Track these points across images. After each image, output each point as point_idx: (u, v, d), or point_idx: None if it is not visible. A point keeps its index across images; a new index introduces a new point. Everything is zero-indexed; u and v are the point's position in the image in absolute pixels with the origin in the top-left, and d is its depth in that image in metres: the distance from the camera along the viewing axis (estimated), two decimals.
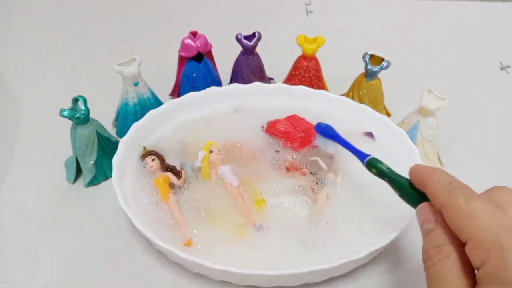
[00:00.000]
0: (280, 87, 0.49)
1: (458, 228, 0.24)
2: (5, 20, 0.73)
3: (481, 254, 0.23)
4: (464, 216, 0.24)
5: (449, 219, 0.25)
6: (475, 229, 0.23)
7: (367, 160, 0.35)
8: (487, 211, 0.24)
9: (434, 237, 0.26)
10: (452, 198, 0.25)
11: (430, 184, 0.27)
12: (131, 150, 0.43)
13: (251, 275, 0.33)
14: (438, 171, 0.29)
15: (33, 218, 0.42)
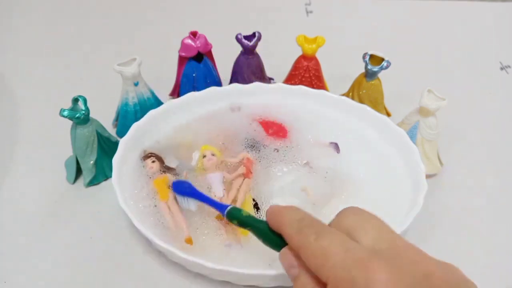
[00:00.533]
0: (280, 87, 0.49)
1: (316, 269, 0.24)
2: (5, 20, 0.73)
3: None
4: (317, 257, 0.24)
5: (306, 261, 0.25)
6: (329, 269, 0.23)
7: (227, 211, 0.34)
8: (337, 245, 0.24)
9: (301, 282, 0.25)
10: (303, 239, 0.25)
11: (283, 226, 0.27)
12: (131, 150, 0.43)
13: (251, 275, 0.33)
14: (290, 210, 0.28)
15: (33, 218, 0.42)
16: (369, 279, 0.22)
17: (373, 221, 0.26)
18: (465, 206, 0.44)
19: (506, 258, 0.40)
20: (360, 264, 0.22)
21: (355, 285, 0.22)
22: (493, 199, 0.45)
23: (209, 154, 0.42)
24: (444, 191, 0.45)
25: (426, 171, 0.40)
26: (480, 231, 0.42)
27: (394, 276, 0.22)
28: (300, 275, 0.26)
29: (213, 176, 0.41)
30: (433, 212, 0.43)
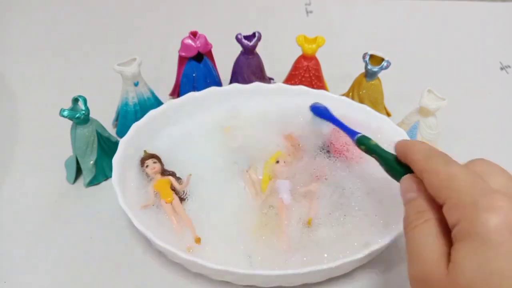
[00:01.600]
0: (280, 87, 0.49)
1: (437, 191, 0.25)
2: (5, 20, 0.73)
3: (457, 213, 0.23)
4: (442, 179, 0.25)
5: (428, 183, 0.26)
6: (452, 191, 0.24)
7: (357, 137, 0.37)
8: (464, 175, 0.25)
9: (416, 205, 0.27)
10: (431, 164, 0.27)
11: (411, 153, 0.29)
12: (131, 150, 0.43)
13: (251, 275, 0.33)
14: (419, 142, 0.30)
15: (33, 218, 0.42)
16: (492, 204, 0.22)
17: (502, 171, 0.27)
18: None
19: None
20: (485, 193, 0.23)
21: (476, 206, 0.22)
22: None
23: (282, 162, 0.42)
24: None
25: None
26: None
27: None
28: (417, 198, 0.27)
29: (282, 183, 0.41)
30: None
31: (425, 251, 0.25)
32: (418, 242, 0.25)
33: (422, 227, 0.26)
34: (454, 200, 0.24)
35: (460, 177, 0.25)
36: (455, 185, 0.24)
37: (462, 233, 0.23)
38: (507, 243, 0.21)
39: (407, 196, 0.28)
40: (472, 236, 0.22)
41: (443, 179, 0.25)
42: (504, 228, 0.22)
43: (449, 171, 0.25)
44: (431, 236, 0.25)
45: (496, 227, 0.22)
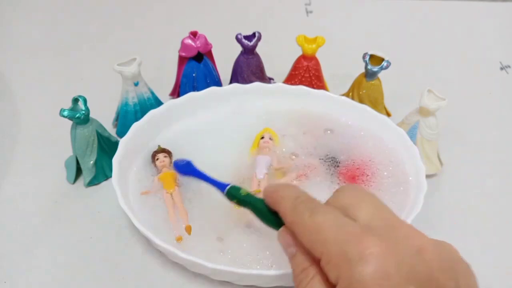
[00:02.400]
0: (280, 87, 0.49)
1: (310, 246, 0.24)
2: (5, 20, 0.73)
3: (334, 270, 0.23)
4: (310, 232, 0.24)
5: (300, 237, 0.25)
6: (322, 244, 0.23)
7: (226, 190, 0.33)
8: (331, 221, 0.24)
9: (298, 261, 0.26)
10: (297, 215, 0.25)
11: (278, 204, 0.27)
12: (131, 150, 0.43)
13: (251, 275, 0.33)
14: (287, 188, 0.28)
15: (33, 218, 0.42)
16: (362, 253, 0.21)
17: (370, 199, 0.26)
18: (465, 206, 0.44)
19: (506, 258, 0.40)
20: (353, 239, 0.22)
21: (348, 259, 0.22)
22: (493, 199, 0.45)
23: (267, 137, 0.43)
24: (444, 191, 0.45)
25: (426, 171, 0.40)
26: (480, 231, 0.42)
27: (387, 250, 0.22)
28: (297, 254, 0.26)
29: (262, 158, 0.42)
30: (433, 212, 0.43)
31: None
32: None
33: (311, 286, 0.24)
34: (327, 255, 0.23)
35: (326, 227, 0.23)
36: (323, 238, 0.23)
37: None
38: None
39: (288, 251, 0.27)
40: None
41: (311, 233, 0.24)
42: (381, 278, 0.21)
43: (315, 221, 0.24)
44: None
45: (372, 279, 0.21)
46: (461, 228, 0.42)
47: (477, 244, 0.41)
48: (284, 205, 0.27)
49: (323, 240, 0.23)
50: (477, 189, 0.46)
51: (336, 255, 0.22)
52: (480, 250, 0.40)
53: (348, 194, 0.26)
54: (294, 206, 0.26)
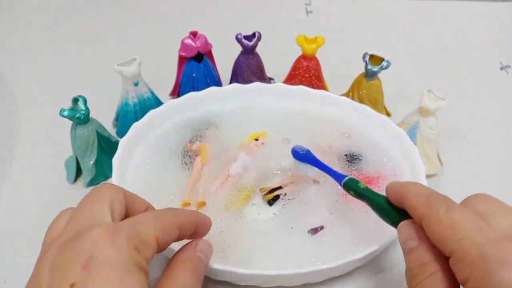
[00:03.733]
0: (280, 87, 0.49)
1: (440, 241, 0.24)
2: (5, 20, 0.73)
3: (465, 269, 0.22)
4: (445, 228, 0.23)
5: (430, 232, 0.24)
6: (457, 242, 0.23)
7: (344, 181, 0.34)
8: (469, 221, 0.23)
9: (418, 255, 0.25)
10: (431, 210, 0.24)
11: (408, 198, 0.27)
12: (131, 150, 0.43)
13: (251, 275, 0.33)
14: (415, 184, 0.28)
15: (33, 218, 0.42)
16: (504, 258, 0.21)
17: (507, 208, 0.25)
18: None
19: None
20: (494, 242, 0.21)
21: (486, 261, 0.21)
22: None
23: (261, 141, 0.44)
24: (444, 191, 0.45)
25: (426, 171, 0.40)
26: None
27: None
28: (419, 248, 0.25)
29: (244, 156, 0.43)
30: None
31: None
32: None
33: (429, 282, 0.24)
34: (460, 252, 0.22)
35: (464, 225, 0.23)
36: (460, 235, 0.23)
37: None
38: None
39: (407, 245, 0.26)
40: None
41: (446, 228, 0.23)
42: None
43: (452, 218, 0.23)
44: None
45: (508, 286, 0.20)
46: None
47: None
48: (415, 199, 0.26)
49: (460, 238, 0.22)
50: (477, 189, 0.45)
51: (471, 255, 0.22)
52: None
53: (483, 200, 0.25)
54: (428, 201, 0.25)
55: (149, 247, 0.25)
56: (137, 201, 0.29)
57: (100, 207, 0.26)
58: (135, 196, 0.29)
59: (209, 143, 0.44)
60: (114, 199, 0.27)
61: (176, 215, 0.28)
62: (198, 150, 0.44)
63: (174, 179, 0.41)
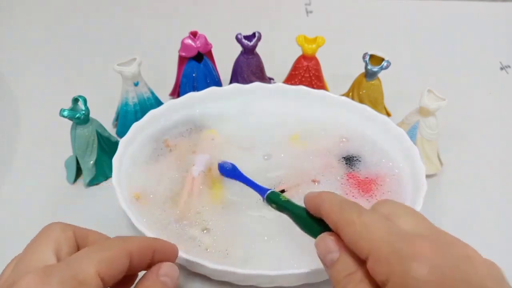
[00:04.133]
0: (280, 87, 0.49)
1: (356, 244, 0.24)
2: (5, 20, 0.73)
3: (383, 268, 0.23)
4: (358, 231, 0.24)
5: (345, 236, 0.25)
6: (371, 242, 0.23)
7: (266, 195, 0.35)
8: (379, 222, 0.24)
9: (343, 266, 0.25)
10: (345, 215, 0.25)
11: (323, 206, 0.27)
12: (131, 150, 0.43)
13: (251, 275, 0.33)
14: (328, 193, 0.29)
15: (33, 218, 0.42)
16: (416, 252, 0.22)
17: (410, 210, 0.26)
18: (465, 206, 0.44)
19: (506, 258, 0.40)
20: (405, 239, 0.23)
21: (401, 257, 0.22)
22: (493, 199, 0.45)
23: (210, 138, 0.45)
24: (444, 191, 0.45)
25: (426, 171, 0.40)
26: (480, 231, 0.42)
27: (438, 253, 0.22)
28: (341, 258, 0.25)
29: (202, 156, 0.43)
30: (433, 212, 0.42)
31: None
32: None
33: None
34: (376, 253, 0.23)
35: (375, 225, 0.24)
36: (373, 235, 0.23)
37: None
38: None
39: (328, 258, 0.26)
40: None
41: (360, 230, 0.24)
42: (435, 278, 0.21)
43: (364, 220, 0.24)
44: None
45: (425, 278, 0.21)
46: (461, 228, 0.42)
47: (477, 244, 0.40)
48: (330, 208, 0.27)
49: (373, 239, 0.23)
50: (477, 189, 0.46)
51: (387, 253, 0.22)
52: (480, 250, 0.40)
53: (388, 205, 0.27)
54: (341, 208, 0.26)
55: (89, 285, 0.24)
56: (91, 236, 0.29)
57: (43, 249, 0.26)
58: (89, 232, 0.29)
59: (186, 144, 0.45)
60: (61, 239, 0.26)
61: (125, 243, 0.27)
62: (175, 147, 0.44)
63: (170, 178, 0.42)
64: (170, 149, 0.44)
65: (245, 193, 0.40)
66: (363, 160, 0.44)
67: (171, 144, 0.44)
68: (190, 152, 0.44)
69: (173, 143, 0.44)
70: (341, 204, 0.26)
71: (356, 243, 0.24)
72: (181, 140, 0.45)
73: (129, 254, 0.26)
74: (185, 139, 0.45)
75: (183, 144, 0.45)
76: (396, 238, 0.23)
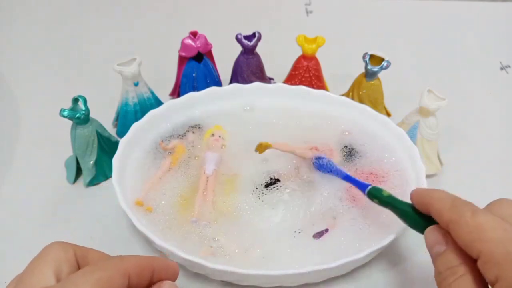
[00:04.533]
0: (280, 87, 0.49)
1: (467, 244, 0.24)
2: (5, 20, 0.73)
3: (494, 269, 0.23)
4: (472, 231, 0.24)
5: (457, 235, 0.25)
6: (484, 243, 0.23)
7: (368, 190, 0.35)
8: (494, 224, 0.24)
9: (446, 259, 0.26)
10: (457, 214, 0.25)
11: (433, 204, 0.28)
12: (131, 150, 0.43)
13: (251, 275, 0.33)
14: (439, 191, 0.29)
15: (33, 218, 0.42)
16: None
17: None
18: None
19: None
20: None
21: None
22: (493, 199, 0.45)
23: (217, 134, 0.44)
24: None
25: (426, 171, 0.40)
26: None
27: None
28: (447, 252, 0.26)
29: (211, 155, 0.43)
30: None
31: None
32: None
33: (458, 284, 0.25)
34: (488, 253, 0.23)
35: (490, 227, 0.24)
36: (487, 237, 0.24)
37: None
38: None
39: (434, 249, 0.27)
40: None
41: (473, 231, 0.24)
42: None
43: (478, 221, 0.24)
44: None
45: None
46: None
47: None
48: (441, 205, 0.27)
49: (486, 240, 0.23)
50: (477, 189, 0.46)
51: (499, 254, 0.23)
52: None
53: (505, 205, 0.26)
54: (454, 206, 0.26)
55: None
56: (91, 255, 0.28)
57: (43, 270, 0.25)
58: (89, 251, 0.28)
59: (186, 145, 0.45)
60: (61, 259, 0.26)
61: (122, 263, 0.26)
62: (174, 149, 0.44)
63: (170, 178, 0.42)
64: (170, 149, 0.44)
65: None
66: (363, 156, 0.43)
67: (171, 144, 0.44)
68: (190, 152, 0.44)
69: (173, 143, 0.44)
70: (454, 202, 0.27)
71: (468, 243, 0.24)
72: (181, 140, 0.45)
73: (127, 274, 0.26)
74: (185, 139, 0.45)
75: (183, 144, 0.44)
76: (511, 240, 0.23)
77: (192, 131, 0.46)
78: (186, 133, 0.46)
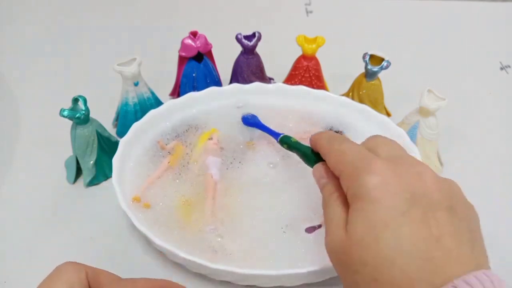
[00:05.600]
0: (280, 87, 0.49)
1: (334, 167, 0.29)
2: (5, 20, 0.73)
3: (346, 181, 0.27)
4: (336, 156, 0.29)
5: (329, 163, 0.30)
6: (342, 164, 0.28)
7: (280, 138, 0.40)
8: (353, 149, 0.29)
9: (328, 188, 0.30)
10: (330, 145, 0.31)
11: (317, 142, 0.33)
12: (131, 150, 0.43)
13: (251, 275, 0.33)
14: (325, 131, 0.35)
15: (33, 218, 0.42)
16: (370, 167, 0.26)
17: (390, 142, 0.30)
18: None
19: (506, 258, 0.40)
20: (366, 159, 0.27)
21: (358, 172, 0.26)
22: (493, 199, 0.45)
23: (216, 138, 0.44)
24: None
25: None
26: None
27: (391, 169, 0.26)
28: (328, 183, 0.30)
29: (213, 159, 0.43)
30: None
31: (332, 222, 0.28)
32: (328, 217, 0.28)
33: (332, 203, 0.29)
34: (344, 172, 0.28)
35: (348, 151, 0.29)
36: (345, 159, 0.28)
37: (351, 197, 0.26)
38: (384, 198, 0.25)
39: (320, 182, 0.31)
40: (358, 197, 0.26)
41: (337, 156, 0.29)
42: (381, 186, 0.25)
43: (341, 148, 0.29)
44: (337, 207, 0.28)
45: (374, 186, 0.25)
46: None
47: None
48: (322, 142, 0.32)
49: (344, 161, 0.28)
50: (477, 189, 0.46)
51: (350, 170, 0.27)
52: None
53: (374, 139, 0.31)
54: (329, 140, 0.31)
55: None
56: (102, 277, 0.29)
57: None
58: (100, 272, 0.29)
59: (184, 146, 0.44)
60: (74, 280, 0.27)
61: (134, 286, 0.28)
62: (173, 149, 0.44)
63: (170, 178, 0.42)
64: (169, 150, 0.44)
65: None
66: None
67: (170, 145, 0.44)
68: (189, 152, 0.44)
69: (173, 143, 0.44)
70: (329, 137, 0.32)
71: (334, 166, 0.29)
72: (181, 140, 0.45)
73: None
74: (184, 139, 0.45)
75: (183, 144, 0.44)
76: (359, 158, 0.27)
77: (192, 131, 0.46)
78: (185, 133, 0.45)
